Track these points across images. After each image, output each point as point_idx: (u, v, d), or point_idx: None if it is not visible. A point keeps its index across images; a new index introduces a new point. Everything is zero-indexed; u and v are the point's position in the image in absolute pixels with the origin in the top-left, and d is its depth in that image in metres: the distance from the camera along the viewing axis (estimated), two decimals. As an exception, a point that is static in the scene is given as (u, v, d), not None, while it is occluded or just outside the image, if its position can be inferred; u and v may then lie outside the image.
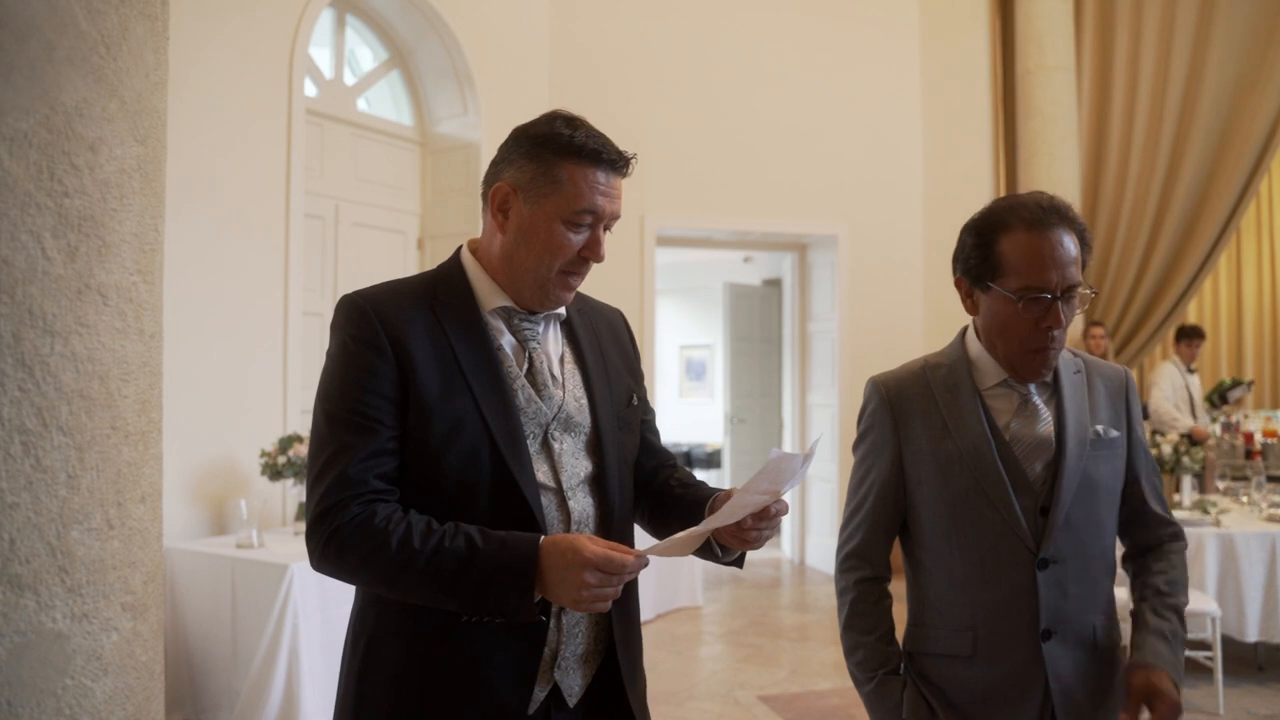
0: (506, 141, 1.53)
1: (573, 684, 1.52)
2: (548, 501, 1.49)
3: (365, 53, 5.92)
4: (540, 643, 1.45)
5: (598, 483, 1.56)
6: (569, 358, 1.60)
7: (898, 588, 1.81)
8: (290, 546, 4.02)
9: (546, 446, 1.51)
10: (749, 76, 7.17)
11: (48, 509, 1.11)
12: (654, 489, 1.70)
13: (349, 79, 5.70)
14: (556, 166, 1.46)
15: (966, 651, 1.74)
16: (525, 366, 1.53)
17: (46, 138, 1.10)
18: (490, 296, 1.53)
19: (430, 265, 5.89)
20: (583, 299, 1.70)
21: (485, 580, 1.34)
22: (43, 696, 1.11)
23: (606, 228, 1.52)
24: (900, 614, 1.84)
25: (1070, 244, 1.68)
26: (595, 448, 1.56)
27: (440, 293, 1.53)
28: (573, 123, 1.48)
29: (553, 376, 1.55)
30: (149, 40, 1.23)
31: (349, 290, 1.58)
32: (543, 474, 1.49)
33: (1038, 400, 1.77)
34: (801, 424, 7.83)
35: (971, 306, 1.80)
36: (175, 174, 3.13)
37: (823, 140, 7.30)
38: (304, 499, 4.43)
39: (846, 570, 1.86)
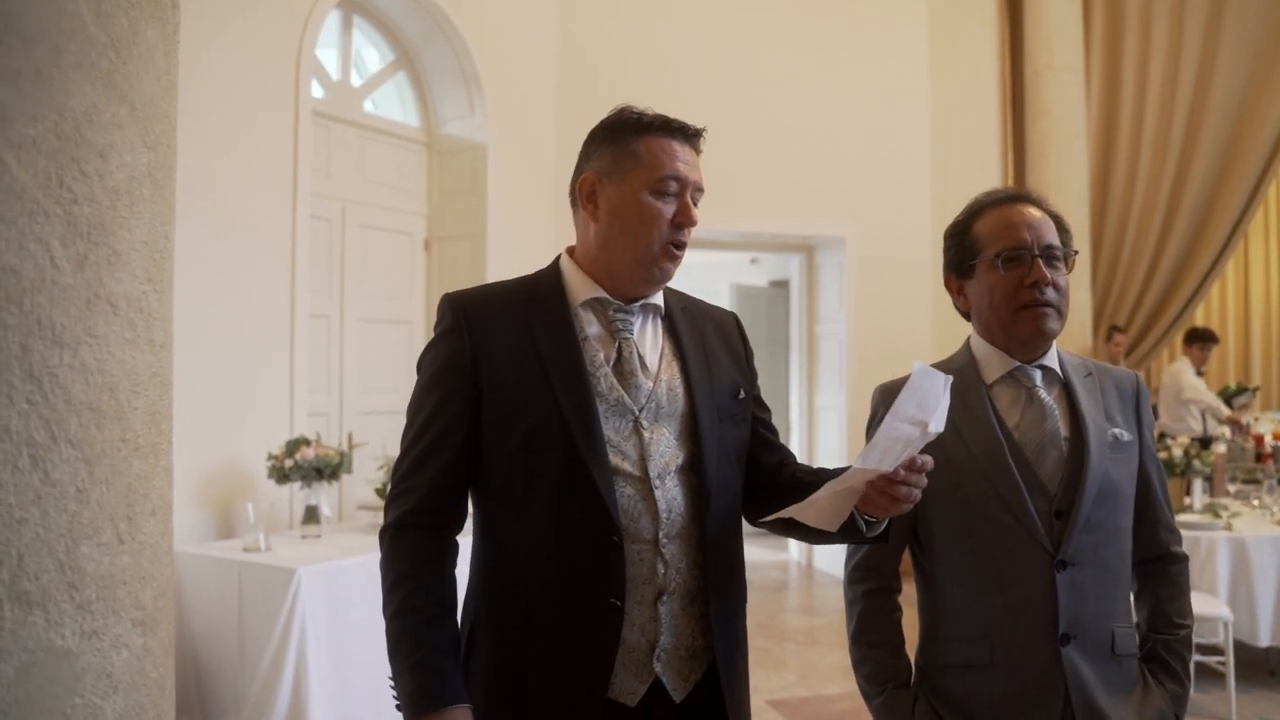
0: (583, 144, 1.60)
1: (675, 680, 1.52)
2: (632, 490, 1.50)
3: (372, 54, 5.90)
4: (615, 632, 1.46)
5: (693, 471, 1.55)
6: (668, 350, 1.61)
7: (909, 597, 1.79)
8: (297, 550, 4.00)
9: (637, 435, 1.52)
10: (756, 77, 7.13)
11: (57, 524, 1.09)
12: (782, 481, 1.67)
13: (355, 80, 5.68)
14: (633, 143, 1.54)
15: (983, 660, 1.70)
16: (614, 356, 1.55)
17: (55, 144, 1.08)
18: (582, 290, 1.58)
19: (437, 267, 5.95)
20: (692, 300, 1.73)
21: (396, 677, 1.46)
22: (51, 715, 1.09)
23: (694, 199, 1.57)
24: (910, 631, 1.82)
25: (1041, 214, 1.75)
26: (692, 436, 1.56)
27: (530, 289, 1.60)
28: (638, 109, 1.57)
29: (643, 366, 1.56)
30: (159, 44, 1.20)
31: (355, 292, 1.63)
32: (629, 463, 1.50)
33: (1043, 394, 1.75)
34: (809, 427, 7.80)
35: (964, 302, 1.82)
36: (181, 176, 3.12)
37: (830, 141, 7.27)
38: (309, 502, 4.43)
39: (855, 581, 1.84)
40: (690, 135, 1.58)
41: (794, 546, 8.11)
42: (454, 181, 6.01)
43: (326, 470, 4.34)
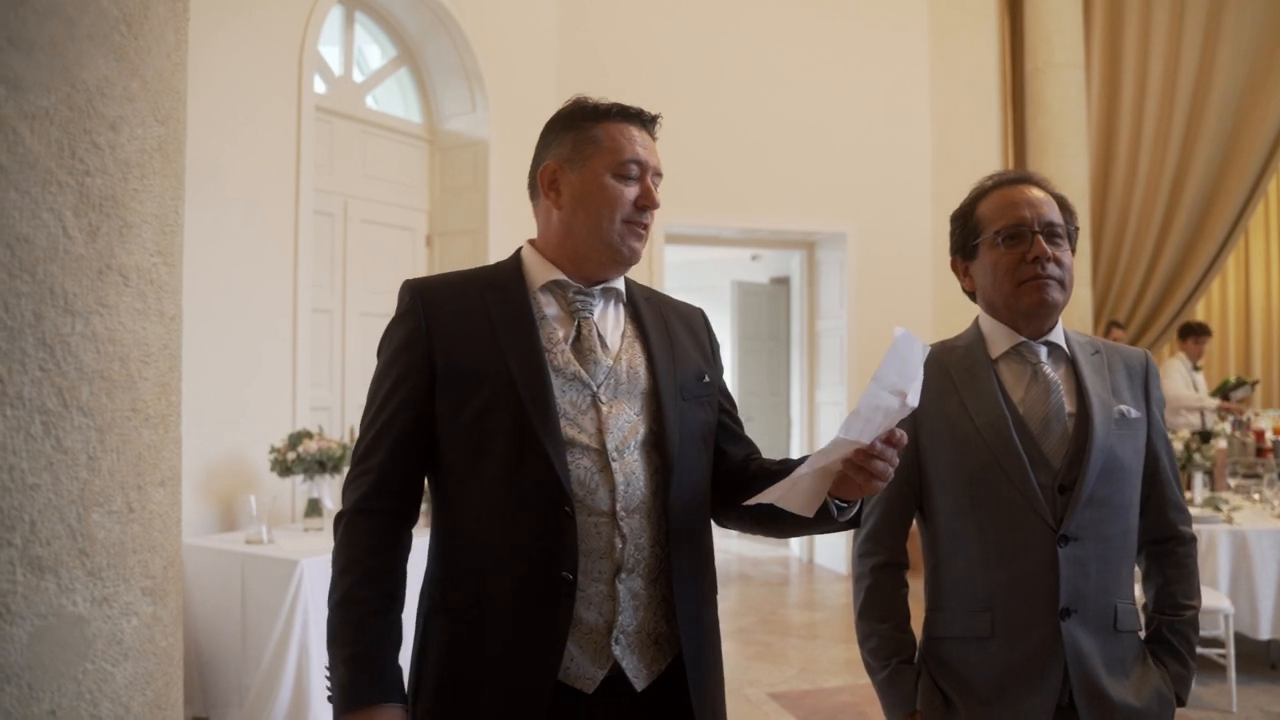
0: (541, 134, 1.63)
1: (636, 665, 1.49)
2: (588, 462, 1.49)
3: (374, 50, 5.91)
4: (567, 608, 1.44)
5: (654, 447, 1.55)
6: (630, 331, 1.62)
7: (916, 582, 1.79)
8: (300, 543, 4.01)
9: (595, 408, 1.52)
10: (757, 74, 7.15)
11: (68, 491, 1.10)
12: (750, 474, 1.66)
13: (358, 76, 5.69)
14: (592, 129, 1.57)
15: (985, 633, 1.71)
16: (572, 335, 1.56)
17: (68, 115, 1.09)
18: (541, 274, 1.59)
19: (438, 262, 5.95)
20: (656, 293, 1.74)
21: (331, 667, 1.46)
22: (63, 680, 1.10)
23: (654, 183, 1.58)
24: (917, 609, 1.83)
25: (1043, 194, 1.78)
26: (654, 413, 1.56)
27: (489, 275, 1.62)
28: (593, 99, 1.61)
29: (603, 345, 1.57)
30: (170, 20, 1.22)
31: (356, 287, 1.63)
32: (586, 435, 1.50)
33: (1049, 370, 1.76)
34: (810, 422, 7.81)
35: (969, 283, 1.85)
36: (186, 169, 3.13)
37: (831, 138, 7.28)
38: (312, 495, 4.44)
39: (863, 556, 1.85)
40: (646, 121, 1.61)
41: (795, 542, 8.12)
42: (455, 177, 6.02)
43: (329, 463, 4.35)
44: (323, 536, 4.17)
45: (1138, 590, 1.86)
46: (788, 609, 6.42)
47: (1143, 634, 1.80)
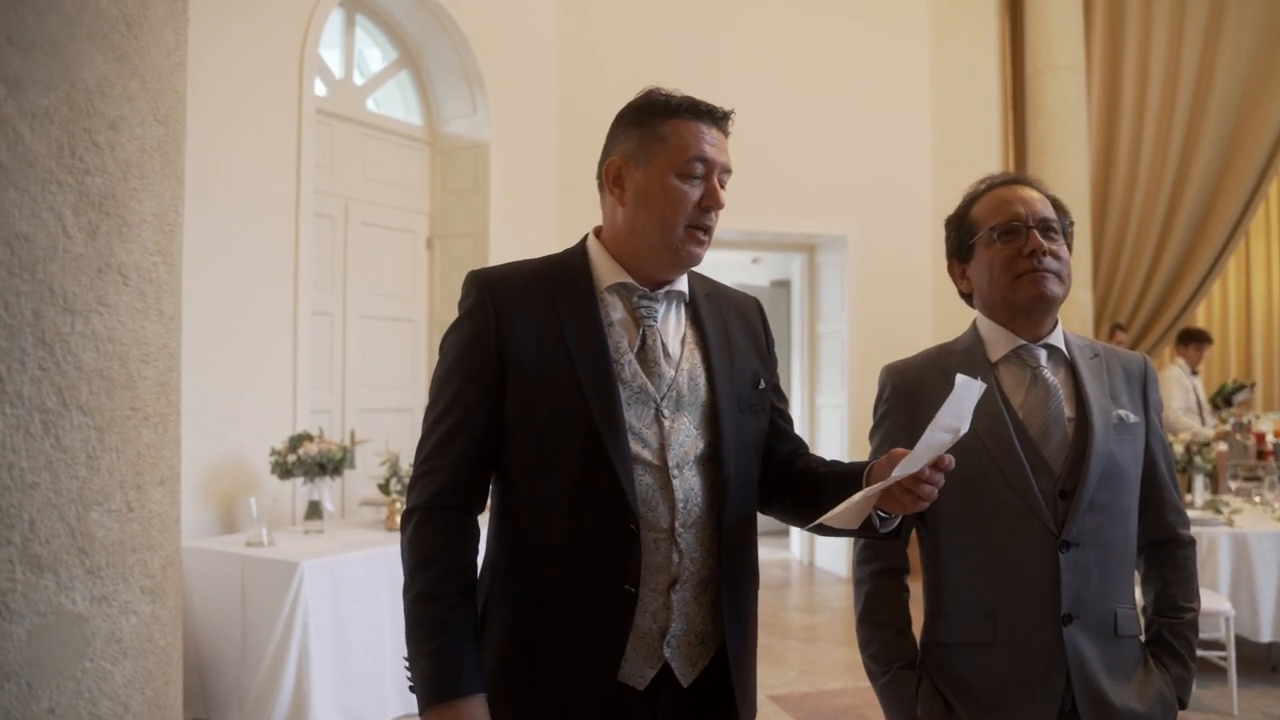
0: (611, 127, 1.60)
1: (683, 665, 1.52)
2: (650, 479, 1.49)
3: (374, 53, 5.92)
4: (628, 618, 1.47)
5: (711, 462, 1.55)
6: (690, 338, 1.60)
7: (917, 586, 1.79)
8: (300, 545, 4.01)
9: (658, 423, 1.52)
10: (757, 77, 7.15)
11: (68, 489, 1.10)
12: (795, 472, 1.67)
13: (358, 79, 5.70)
14: (660, 126, 1.53)
15: (986, 639, 1.71)
16: (637, 343, 1.54)
17: (68, 115, 1.09)
18: (608, 274, 1.57)
19: (439, 265, 5.96)
20: (716, 285, 1.72)
21: (412, 660, 1.46)
22: (62, 679, 1.10)
23: (721, 182, 1.55)
24: (917, 611, 1.82)
25: (1036, 193, 1.78)
26: (711, 426, 1.56)
27: (557, 270, 1.58)
28: (665, 91, 1.57)
29: (666, 354, 1.56)
30: (169, 20, 1.22)
31: (357, 289, 1.62)
32: (649, 451, 1.50)
33: (1048, 374, 1.75)
34: (810, 425, 7.80)
35: (967, 284, 1.84)
36: (186, 171, 3.13)
37: (832, 140, 7.28)
38: (312, 497, 4.44)
39: (863, 561, 1.85)
40: (719, 117, 1.57)
41: (795, 545, 8.12)
42: (456, 180, 6.03)
43: (329, 465, 4.35)
44: (323, 539, 4.17)
45: (1137, 594, 1.86)
46: (788, 611, 6.42)
47: (1142, 638, 1.80)
